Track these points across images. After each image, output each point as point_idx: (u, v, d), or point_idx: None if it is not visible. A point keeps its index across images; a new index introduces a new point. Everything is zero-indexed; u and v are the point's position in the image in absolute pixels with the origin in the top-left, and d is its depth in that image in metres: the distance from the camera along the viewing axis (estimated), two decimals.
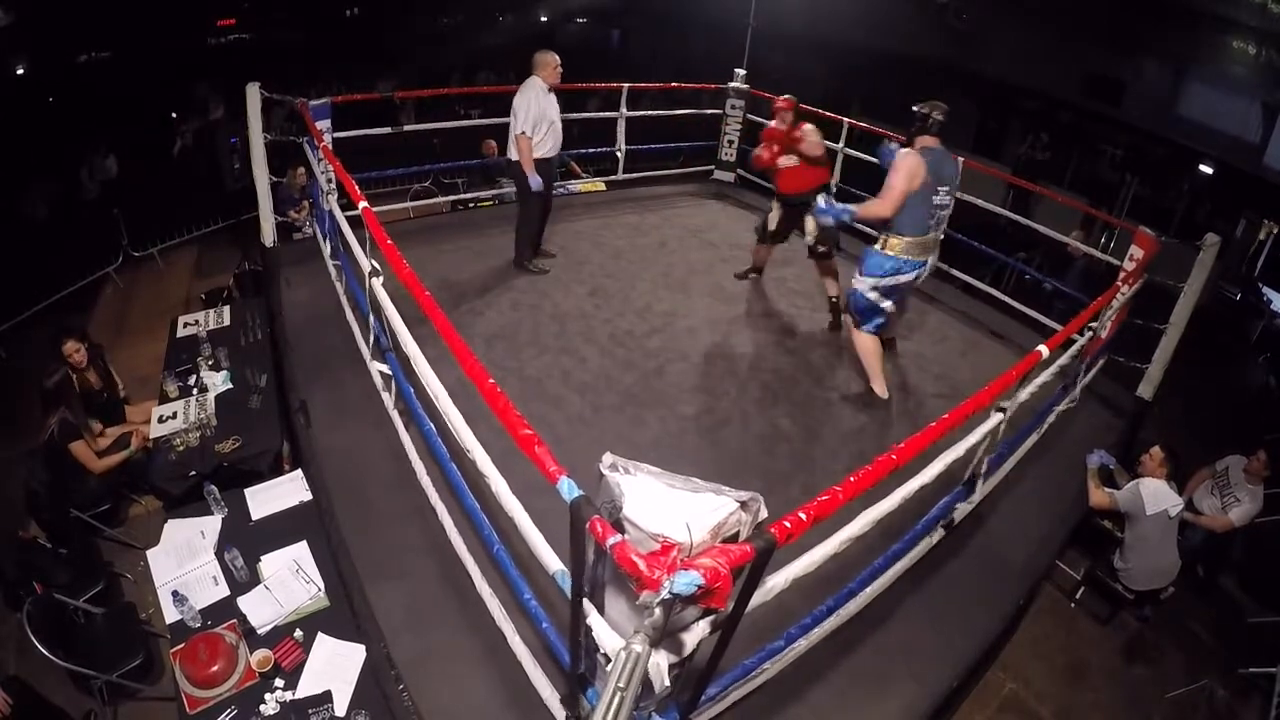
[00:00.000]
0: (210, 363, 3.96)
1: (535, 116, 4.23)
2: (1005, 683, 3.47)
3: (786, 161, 4.23)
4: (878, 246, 3.39)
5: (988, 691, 3.40)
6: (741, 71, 6.31)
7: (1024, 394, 2.69)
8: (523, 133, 4.24)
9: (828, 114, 5.72)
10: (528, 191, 4.38)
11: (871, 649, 2.47)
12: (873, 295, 3.45)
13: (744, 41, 7.34)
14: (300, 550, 2.78)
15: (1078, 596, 3.94)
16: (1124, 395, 4.16)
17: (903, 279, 3.39)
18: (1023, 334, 4.67)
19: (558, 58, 4.27)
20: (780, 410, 3.64)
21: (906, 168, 3.17)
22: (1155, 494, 3.41)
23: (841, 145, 5.69)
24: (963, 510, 2.82)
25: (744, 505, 1.40)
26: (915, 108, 3.31)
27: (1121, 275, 3.94)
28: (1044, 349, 2.63)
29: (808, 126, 4.17)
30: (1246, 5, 6.80)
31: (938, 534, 2.72)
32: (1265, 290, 7.87)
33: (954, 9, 8.90)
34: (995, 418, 2.56)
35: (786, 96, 4.24)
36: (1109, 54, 7.98)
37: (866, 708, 2.32)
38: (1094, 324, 3.44)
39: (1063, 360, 3.11)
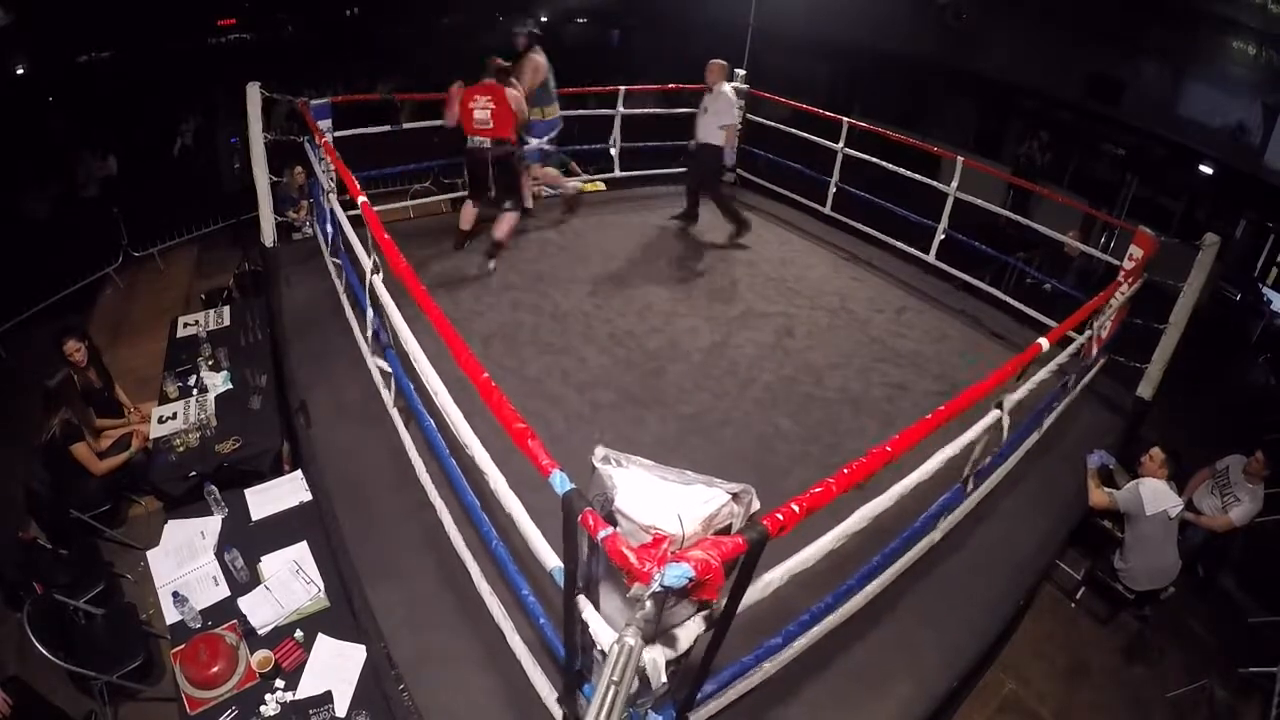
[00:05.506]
0: (210, 363, 3.96)
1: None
2: (1005, 683, 3.47)
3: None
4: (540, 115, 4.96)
5: (988, 691, 3.39)
6: (742, 71, 6.30)
7: (1022, 390, 2.69)
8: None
9: (828, 114, 5.73)
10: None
11: (871, 648, 2.47)
12: (548, 147, 5.24)
13: (744, 41, 7.33)
14: (300, 550, 2.78)
15: (1078, 596, 3.94)
16: (1124, 395, 4.15)
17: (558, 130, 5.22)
18: (1023, 334, 4.65)
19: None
20: (780, 410, 3.63)
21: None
22: (1155, 494, 3.40)
23: (841, 145, 5.68)
24: (962, 509, 2.82)
25: (736, 497, 1.40)
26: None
27: (1121, 274, 3.94)
28: (1044, 342, 2.63)
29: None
30: (1246, 5, 6.79)
31: (937, 533, 2.72)
32: (1265, 290, 7.86)
33: (953, 9, 8.88)
34: (994, 414, 2.56)
35: None
36: (1109, 54, 7.96)
37: (866, 707, 2.32)
38: (1094, 322, 3.44)
39: (1061, 358, 3.11)
